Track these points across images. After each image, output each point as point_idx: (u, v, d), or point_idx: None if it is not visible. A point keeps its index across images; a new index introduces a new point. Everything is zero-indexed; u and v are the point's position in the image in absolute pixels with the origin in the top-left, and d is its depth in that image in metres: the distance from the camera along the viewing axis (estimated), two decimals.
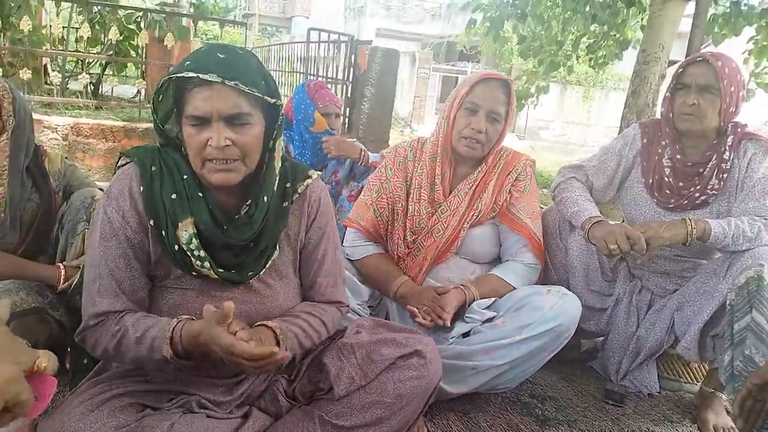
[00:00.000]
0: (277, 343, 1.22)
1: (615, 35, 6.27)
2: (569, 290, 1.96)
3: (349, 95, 6.18)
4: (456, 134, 1.88)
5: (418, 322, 1.75)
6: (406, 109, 16.51)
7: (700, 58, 1.89)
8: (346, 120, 6.26)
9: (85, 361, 1.63)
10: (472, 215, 1.90)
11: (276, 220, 1.31)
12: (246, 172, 1.22)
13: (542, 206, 2.31)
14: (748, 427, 1.37)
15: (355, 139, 2.74)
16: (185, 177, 1.24)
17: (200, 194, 1.24)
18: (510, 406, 1.90)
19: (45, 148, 1.84)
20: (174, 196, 1.22)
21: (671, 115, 1.98)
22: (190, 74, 1.13)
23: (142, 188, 1.23)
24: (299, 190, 1.35)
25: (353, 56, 6.09)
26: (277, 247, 1.33)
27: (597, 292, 2.11)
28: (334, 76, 6.42)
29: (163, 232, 1.22)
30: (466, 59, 19.55)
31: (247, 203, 1.27)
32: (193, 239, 1.21)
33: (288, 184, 1.34)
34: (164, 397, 1.28)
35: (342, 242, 1.98)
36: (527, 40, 6.83)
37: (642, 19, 5.97)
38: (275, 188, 1.30)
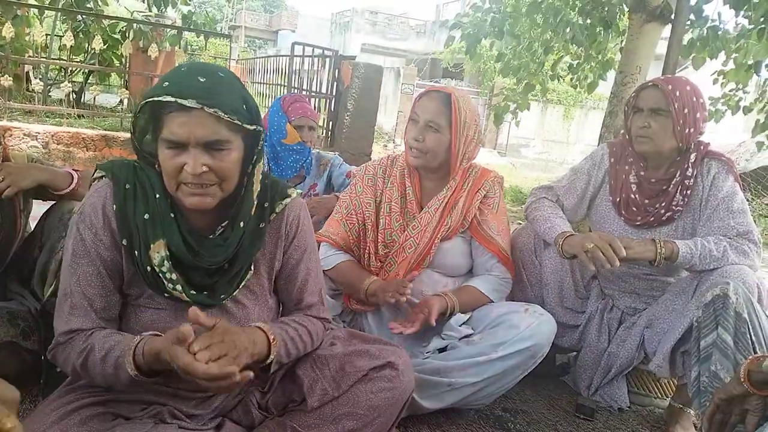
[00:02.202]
0: (269, 347, 1.23)
1: (597, 57, 6.39)
2: (544, 306, 2.00)
3: (332, 109, 6.22)
4: (406, 146, 1.95)
5: (406, 333, 1.77)
6: (390, 124, 16.60)
7: (652, 83, 1.98)
8: (329, 134, 6.29)
9: (58, 370, 1.62)
10: (443, 231, 1.94)
11: (252, 241, 1.29)
12: (222, 196, 1.20)
13: (519, 222, 2.35)
14: None
15: (328, 196, 2.72)
16: (158, 197, 1.22)
17: (172, 215, 1.22)
18: (483, 419, 1.92)
19: (8, 148, 1.74)
20: (146, 216, 1.20)
21: (629, 137, 2.05)
22: (168, 98, 1.10)
23: (115, 207, 1.21)
24: (277, 210, 1.33)
25: (337, 71, 6.14)
26: (252, 268, 1.33)
27: (570, 308, 2.16)
28: (318, 89, 6.46)
29: (136, 252, 1.21)
30: (450, 76, 19.77)
31: (223, 225, 1.26)
32: (165, 261, 1.20)
33: (266, 204, 1.31)
34: (136, 407, 1.27)
35: None
36: (506, 58, 6.92)
37: (621, 42, 6.09)
38: (252, 213, 1.28)
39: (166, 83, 1.13)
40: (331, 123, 6.25)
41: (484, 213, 1.97)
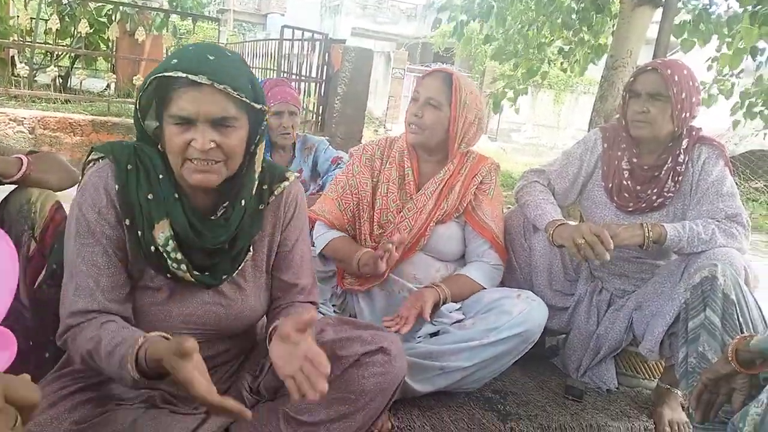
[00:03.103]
0: None
1: (590, 41, 6.38)
2: (533, 289, 2.01)
3: (322, 94, 6.18)
4: (406, 124, 1.95)
5: (402, 332, 1.75)
6: (381, 108, 16.54)
7: (650, 67, 1.96)
8: (319, 118, 6.26)
9: (47, 356, 1.61)
10: (439, 214, 1.94)
11: (251, 222, 1.30)
12: (227, 174, 1.21)
13: (509, 206, 2.35)
14: (704, 419, 1.44)
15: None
16: (161, 177, 1.22)
17: (176, 195, 1.23)
18: (473, 401, 1.94)
19: None
20: (150, 196, 1.21)
21: (624, 121, 2.04)
22: (180, 74, 1.11)
23: (117, 187, 1.21)
24: (276, 192, 1.35)
25: (327, 55, 6.09)
26: (251, 249, 1.34)
27: (559, 291, 2.17)
28: (308, 74, 6.42)
29: (139, 232, 1.20)
30: (441, 60, 19.65)
31: (224, 205, 1.26)
32: (170, 241, 1.20)
33: (265, 186, 1.33)
34: (128, 391, 1.27)
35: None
36: (498, 43, 6.90)
37: (613, 26, 6.08)
38: (253, 192, 1.29)
39: (175, 60, 1.13)
40: (321, 107, 6.22)
41: (479, 199, 1.97)
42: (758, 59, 5.26)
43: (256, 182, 1.29)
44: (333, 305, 1.98)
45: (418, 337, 1.85)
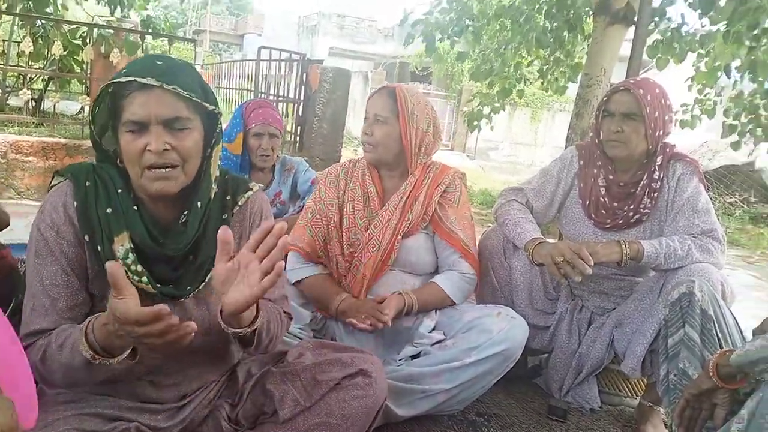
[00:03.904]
0: (256, 310, 1.20)
1: (566, 60, 6.49)
2: (514, 308, 2.01)
3: (300, 114, 6.18)
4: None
5: (359, 328, 1.77)
6: (359, 128, 16.55)
7: (623, 87, 1.99)
8: (297, 138, 6.25)
9: None
10: (404, 226, 1.94)
11: (214, 234, 1.27)
12: (185, 181, 1.21)
13: (489, 225, 2.35)
14: None
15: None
16: (119, 191, 1.22)
17: (135, 207, 1.22)
18: (457, 425, 1.91)
19: None
20: (109, 210, 1.21)
21: (597, 140, 2.07)
22: (128, 78, 1.12)
23: (76, 203, 1.21)
24: (240, 203, 1.35)
25: (305, 75, 6.10)
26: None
27: (540, 310, 2.17)
28: (286, 94, 6.42)
29: (99, 247, 1.19)
30: (418, 80, 19.83)
31: (185, 213, 1.26)
32: (130, 254, 1.19)
33: (228, 197, 1.33)
34: (101, 424, 1.23)
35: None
36: (476, 62, 6.99)
37: (586, 45, 6.20)
38: (212, 196, 1.29)
39: (125, 70, 1.16)
40: (299, 128, 6.21)
41: (445, 207, 1.98)
42: (733, 77, 5.37)
43: (214, 186, 1.29)
44: (313, 330, 1.96)
45: (399, 360, 1.83)
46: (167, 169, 1.17)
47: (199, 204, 1.26)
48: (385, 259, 1.93)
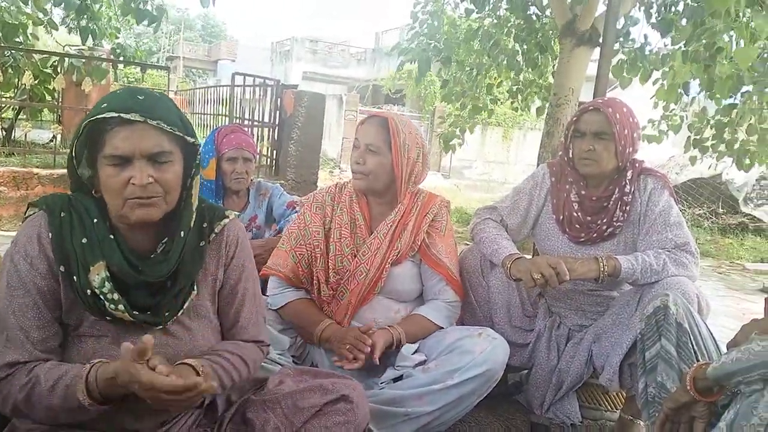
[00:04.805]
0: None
1: (539, 81, 6.63)
2: (493, 326, 2.01)
3: (275, 138, 6.19)
4: (352, 171, 1.97)
5: (347, 368, 1.74)
6: (335, 150, 16.65)
7: (592, 107, 2.04)
8: (273, 162, 6.24)
9: None
10: (393, 255, 1.94)
11: (193, 259, 1.30)
12: (166, 209, 1.23)
13: (466, 243, 2.37)
14: None
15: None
16: (95, 221, 1.23)
17: (111, 236, 1.23)
18: None
19: None
20: (84, 240, 1.21)
21: (567, 159, 2.11)
22: (112, 114, 1.14)
23: (51, 234, 1.21)
24: (216, 230, 1.36)
25: (279, 100, 6.12)
26: (195, 287, 1.32)
27: (519, 327, 2.18)
28: (261, 119, 6.42)
29: (75, 277, 1.19)
30: (392, 102, 20.04)
31: (163, 242, 1.26)
32: (106, 282, 1.19)
33: (205, 224, 1.34)
34: None
35: (264, 292, 1.96)
36: (449, 85, 7.11)
37: (553, 66, 6.34)
38: (192, 225, 1.30)
39: (105, 104, 1.17)
40: (275, 151, 6.21)
41: (432, 236, 1.98)
42: (692, 94, 5.53)
43: (194, 215, 1.31)
44: (293, 356, 1.94)
45: (381, 383, 1.82)
46: (150, 198, 1.19)
47: (182, 233, 1.27)
48: (371, 287, 1.92)
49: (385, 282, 1.94)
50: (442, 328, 1.94)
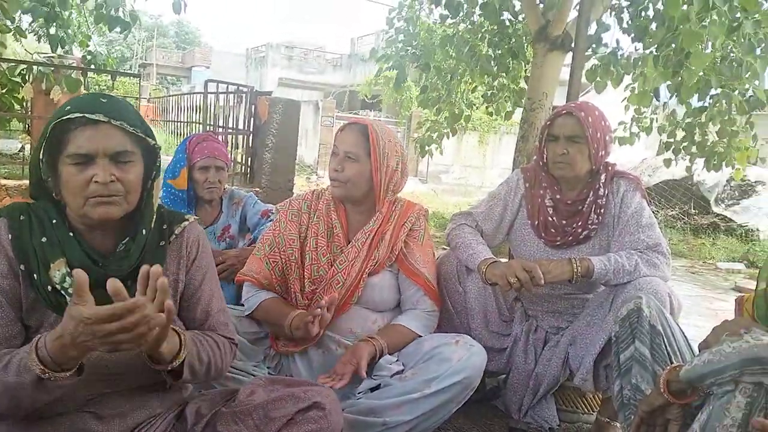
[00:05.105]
0: (180, 343, 1.22)
1: (511, 86, 6.68)
2: (470, 332, 2.01)
3: (250, 145, 6.14)
4: (330, 178, 1.95)
5: (335, 387, 1.71)
6: (312, 156, 16.61)
7: (565, 111, 2.05)
8: (248, 170, 6.19)
9: None
10: (371, 264, 1.92)
11: (154, 258, 1.31)
12: (127, 209, 1.26)
13: (444, 248, 2.37)
14: None
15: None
16: (54, 221, 1.26)
17: (71, 234, 1.25)
18: None
19: None
20: (44, 239, 1.23)
21: (542, 163, 2.12)
22: (77, 115, 1.17)
23: (10, 236, 1.23)
24: (176, 232, 1.39)
25: (253, 107, 6.08)
26: None
27: (496, 332, 2.18)
28: (235, 126, 6.37)
29: (35, 275, 1.21)
30: (368, 108, 20.06)
31: (124, 241, 1.29)
32: (66, 278, 1.21)
33: (165, 226, 1.37)
34: None
35: (238, 301, 1.93)
36: (427, 91, 7.14)
37: (526, 71, 6.40)
38: (152, 225, 1.33)
39: (69, 107, 1.20)
40: (249, 159, 6.16)
41: (410, 246, 1.97)
42: (663, 98, 5.62)
43: (155, 215, 1.35)
44: (268, 367, 1.90)
45: (359, 393, 1.80)
46: (111, 197, 1.21)
47: (143, 231, 1.30)
48: (348, 297, 1.90)
49: (362, 292, 1.92)
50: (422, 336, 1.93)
